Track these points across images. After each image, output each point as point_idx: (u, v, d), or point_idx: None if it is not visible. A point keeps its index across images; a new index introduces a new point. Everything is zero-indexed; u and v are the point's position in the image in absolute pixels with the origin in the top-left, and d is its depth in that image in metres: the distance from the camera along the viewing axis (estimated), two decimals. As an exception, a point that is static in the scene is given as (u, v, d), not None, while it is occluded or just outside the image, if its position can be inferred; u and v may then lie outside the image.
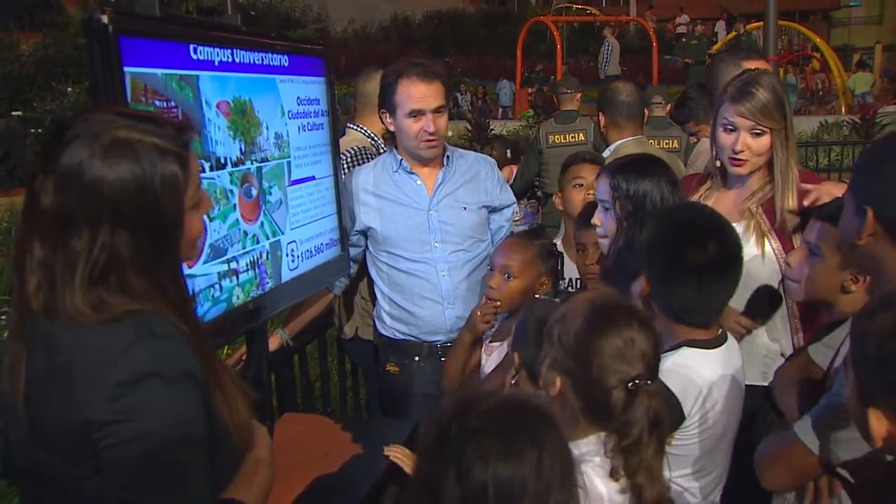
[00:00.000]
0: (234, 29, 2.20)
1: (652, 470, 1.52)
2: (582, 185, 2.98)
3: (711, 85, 2.97)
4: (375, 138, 3.43)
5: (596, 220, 2.34)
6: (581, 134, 6.77)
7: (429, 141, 2.77)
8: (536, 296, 2.56)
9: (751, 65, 2.68)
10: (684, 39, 18.64)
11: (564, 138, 6.81)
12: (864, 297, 1.90)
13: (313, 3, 21.48)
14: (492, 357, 2.58)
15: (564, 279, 2.88)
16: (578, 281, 2.89)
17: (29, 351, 1.31)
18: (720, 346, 1.90)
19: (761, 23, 15.28)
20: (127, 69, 1.64)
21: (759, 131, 2.30)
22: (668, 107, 5.99)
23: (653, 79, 17.17)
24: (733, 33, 17.79)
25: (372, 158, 3.26)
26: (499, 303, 2.52)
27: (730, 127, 2.34)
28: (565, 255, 2.91)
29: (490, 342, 2.63)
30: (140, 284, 1.31)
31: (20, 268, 1.30)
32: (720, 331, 1.95)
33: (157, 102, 1.75)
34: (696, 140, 3.86)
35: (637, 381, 1.51)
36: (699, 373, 1.81)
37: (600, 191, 2.31)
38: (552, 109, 16.55)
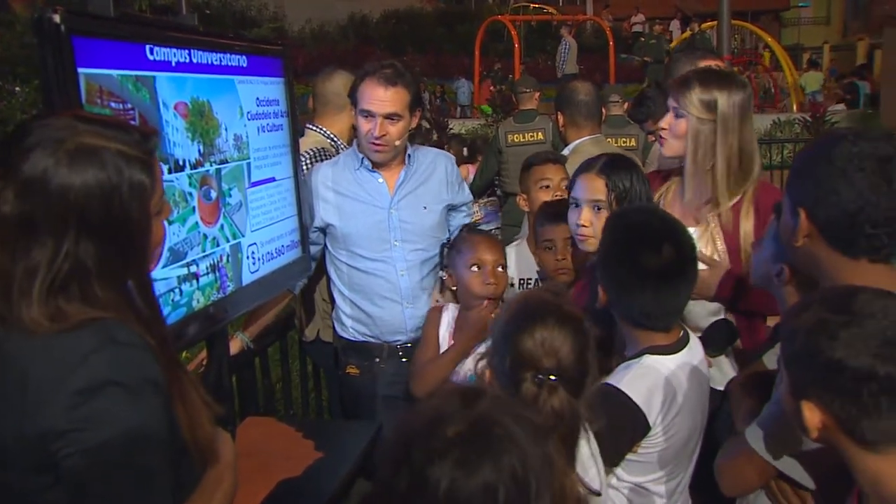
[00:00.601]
0: (191, 29, 2.17)
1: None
2: (548, 186, 2.98)
3: (668, 83, 3.01)
4: (335, 139, 3.41)
5: (584, 220, 2.32)
6: (540, 133, 6.81)
7: (374, 144, 2.76)
8: None
9: (707, 64, 2.72)
10: (643, 38, 18.85)
11: (523, 137, 6.84)
12: (793, 290, 1.97)
13: (269, 2, 21.25)
14: (468, 358, 2.54)
15: (513, 281, 2.89)
16: (538, 281, 2.90)
17: None
18: (683, 348, 1.91)
19: (715, 22, 15.58)
20: (81, 70, 1.61)
21: (680, 113, 2.37)
22: (626, 105, 6.06)
23: (610, 77, 17.26)
24: (688, 32, 18.02)
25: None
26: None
27: (667, 108, 2.45)
28: (530, 254, 2.92)
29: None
30: (104, 294, 1.28)
31: None
32: (682, 332, 1.95)
33: (113, 104, 1.71)
34: (653, 139, 3.89)
35: (541, 377, 1.53)
36: (662, 381, 1.81)
37: (591, 190, 2.31)
38: (511, 108, 16.63)
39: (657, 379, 1.81)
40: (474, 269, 2.54)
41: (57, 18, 1.54)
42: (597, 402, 1.60)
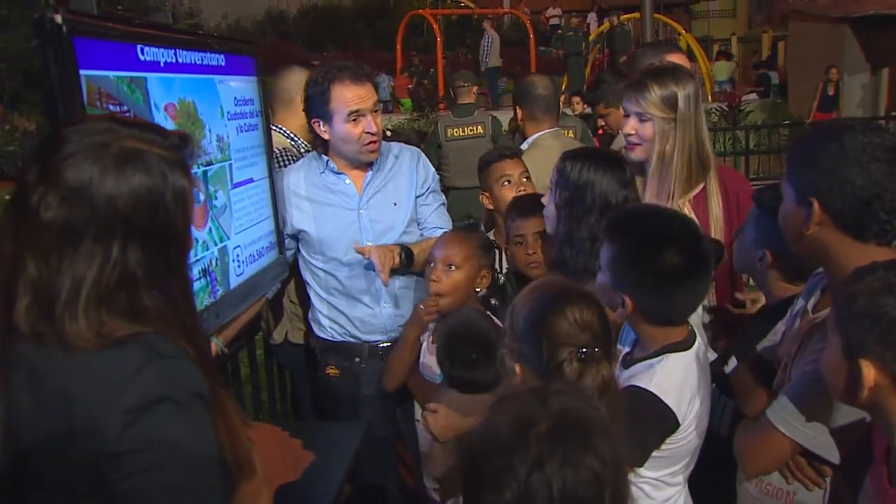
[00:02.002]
0: (174, 29, 2.11)
1: None
2: (510, 181, 3.00)
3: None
4: (295, 138, 3.34)
5: (544, 199, 2.38)
6: (479, 127, 6.86)
7: (371, 143, 2.73)
8: (477, 290, 2.58)
9: (672, 58, 2.78)
10: (560, 31, 19.09)
11: (463, 131, 6.87)
12: (775, 274, 2.07)
13: (185, -2, 20.76)
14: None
15: (501, 273, 2.90)
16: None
17: (6, 381, 1.21)
18: (694, 342, 1.90)
19: (633, 14, 15.92)
20: (82, 72, 1.55)
21: (643, 117, 2.43)
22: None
23: (531, 70, 17.46)
24: (606, 24, 18.35)
25: (294, 159, 3.18)
26: (444, 297, 2.52)
27: (625, 113, 2.49)
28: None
29: (433, 342, 2.62)
30: (152, 302, 1.22)
31: (10, 284, 1.19)
32: (690, 326, 1.94)
33: (111, 107, 1.66)
34: (603, 122, 3.97)
35: (585, 351, 1.58)
36: (687, 379, 1.82)
37: (552, 173, 2.35)
38: (435, 103, 16.62)
39: (682, 376, 1.81)
40: (431, 264, 2.57)
41: (59, 19, 1.48)
42: (626, 403, 1.62)
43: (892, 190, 1.55)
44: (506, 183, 3.02)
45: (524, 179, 3.03)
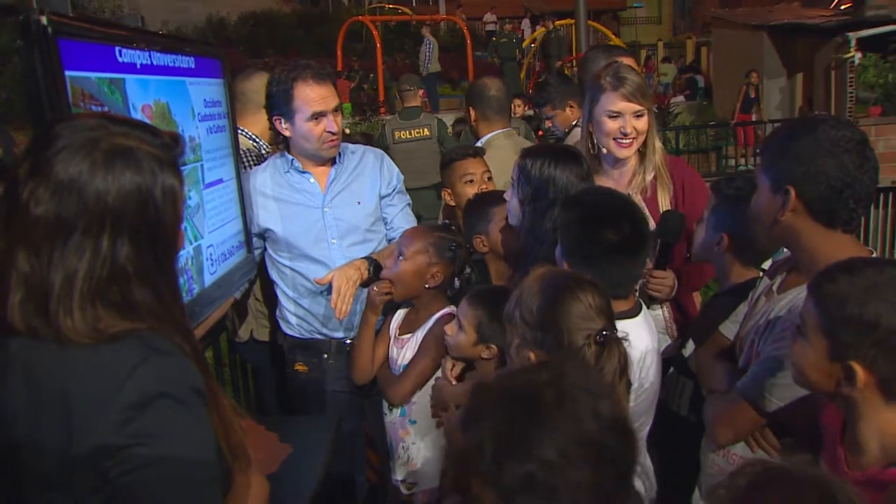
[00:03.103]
0: (148, 32, 2.08)
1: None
2: (472, 180, 3.03)
3: (586, 77, 3.11)
4: (257, 140, 3.32)
5: (507, 194, 2.42)
6: (426, 129, 6.89)
7: (331, 141, 2.73)
8: (427, 286, 2.58)
9: (622, 60, 2.85)
10: (495, 38, 19.23)
11: (410, 133, 6.90)
12: (731, 258, 2.15)
13: (124, 3, 20.14)
14: (404, 350, 2.60)
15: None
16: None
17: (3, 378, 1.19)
18: (639, 313, 2.01)
19: (567, 20, 16.13)
20: (66, 73, 1.52)
21: (640, 113, 2.49)
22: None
23: (468, 74, 17.55)
24: (541, 30, 18.56)
25: (255, 160, 3.15)
26: (390, 284, 2.55)
27: (614, 114, 2.50)
28: None
29: (400, 335, 2.65)
30: (143, 297, 1.22)
31: (1, 279, 1.17)
32: (636, 298, 2.05)
33: (94, 107, 1.63)
34: (549, 123, 4.02)
35: (605, 333, 1.61)
36: (633, 343, 1.88)
37: (513, 170, 2.39)
38: (376, 107, 16.55)
39: (630, 342, 1.85)
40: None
41: (44, 20, 1.45)
42: None
43: (861, 180, 1.64)
44: (469, 181, 3.05)
45: (486, 178, 3.07)
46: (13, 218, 1.18)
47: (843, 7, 13.57)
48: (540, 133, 6.09)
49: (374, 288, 2.59)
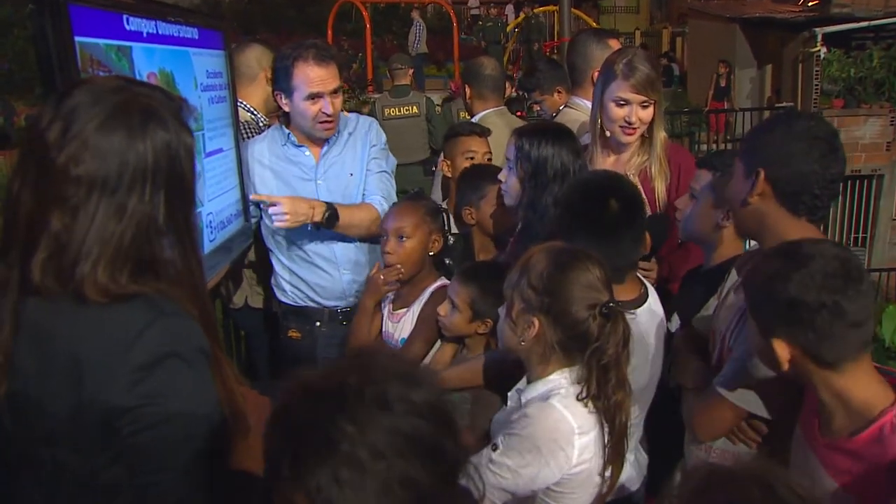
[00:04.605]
0: (154, 1, 2.03)
1: (625, 384, 1.60)
2: (473, 157, 2.99)
3: (577, 60, 3.07)
4: (255, 112, 3.27)
5: (501, 175, 2.39)
6: (415, 107, 6.85)
7: (326, 122, 2.68)
8: (430, 254, 2.52)
9: (612, 43, 2.82)
10: (480, 22, 19.09)
11: (399, 111, 6.85)
12: (733, 238, 2.10)
13: (118, -23, 19.79)
14: (401, 324, 2.52)
15: (450, 234, 2.89)
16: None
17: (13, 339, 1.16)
18: (644, 303, 1.94)
19: (549, 7, 16.01)
20: (76, 39, 1.48)
21: (647, 104, 2.47)
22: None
23: (454, 57, 17.43)
24: (523, 15, 18.43)
25: (254, 132, 3.11)
26: (401, 266, 2.45)
27: (622, 102, 2.47)
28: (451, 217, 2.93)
29: (394, 310, 2.57)
30: (171, 254, 1.20)
31: (28, 239, 1.14)
32: (643, 288, 1.98)
33: (101, 73, 1.59)
34: (538, 108, 3.99)
35: (610, 305, 1.58)
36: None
37: (508, 150, 2.35)
38: (365, 85, 16.43)
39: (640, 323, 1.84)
40: (384, 237, 2.48)
41: (55, -15, 1.41)
42: None
43: (827, 170, 1.65)
44: (470, 158, 3.01)
45: (486, 159, 3.03)
46: (45, 180, 1.15)
47: (810, 3, 13.59)
48: (519, 113, 6.05)
49: (381, 276, 2.48)
